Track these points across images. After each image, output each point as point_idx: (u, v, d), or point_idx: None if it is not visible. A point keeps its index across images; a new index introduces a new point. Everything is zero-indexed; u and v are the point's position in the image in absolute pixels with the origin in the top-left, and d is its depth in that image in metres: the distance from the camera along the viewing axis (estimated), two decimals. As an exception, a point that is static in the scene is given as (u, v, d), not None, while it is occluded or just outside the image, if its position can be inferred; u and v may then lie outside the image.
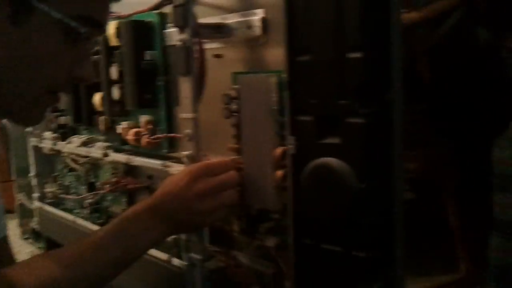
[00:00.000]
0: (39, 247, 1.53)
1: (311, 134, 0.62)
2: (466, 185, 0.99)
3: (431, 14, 0.96)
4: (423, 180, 0.95)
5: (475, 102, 0.95)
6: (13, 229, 1.80)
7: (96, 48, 0.99)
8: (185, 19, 0.74)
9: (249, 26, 0.74)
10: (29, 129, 1.33)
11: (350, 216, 0.59)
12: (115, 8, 0.94)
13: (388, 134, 0.58)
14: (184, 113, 0.77)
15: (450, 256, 0.98)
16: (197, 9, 0.75)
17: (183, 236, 0.82)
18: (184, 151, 0.78)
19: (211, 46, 0.81)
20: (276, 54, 0.73)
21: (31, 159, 1.35)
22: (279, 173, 0.70)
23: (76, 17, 0.56)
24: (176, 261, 0.86)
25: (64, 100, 1.21)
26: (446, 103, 0.98)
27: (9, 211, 1.94)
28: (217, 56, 0.81)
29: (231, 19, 0.76)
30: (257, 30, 0.73)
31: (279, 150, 0.70)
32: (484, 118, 0.95)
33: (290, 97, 0.64)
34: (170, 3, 0.80)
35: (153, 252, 0.89)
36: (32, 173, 1.36)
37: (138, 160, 0.95)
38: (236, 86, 0.74)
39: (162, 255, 0.88)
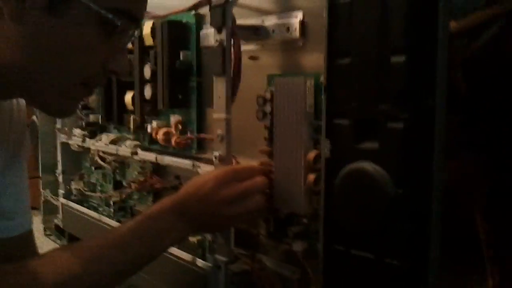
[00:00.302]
0: (61, 244, 1.54)
1: (347, 138, 0.61)
2: (497, 199, 0.97)
3: (469, 24, 0.95)
4: (453, 192, 0.93)
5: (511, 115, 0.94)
6: (36, 225, 1.81)
7: (131, 46, 1.00)
8: (223, 20, 0.74)
9: (287, 28, 0.74)
10: (58, 125, 1.34)
11: (384, 223, 0.58)
12: (151, 8, 0.96)
13: (428, 140, 0.57)
14: (217, 114, 0.77)
15: (478, 270, 0.96)
16: (235, 11, 0.76)
17: (208, 237, 0.82)
18: (215, 151, 0.77)
19: (247, 48, 0.81)
20: (313, 58, 0.72)
21: (59, 156, 1.36)
22: (311, 177, 0.69)
23: (113, 10, 0.57)
24: (200, 262, 0.85)
25: (93, 98, 1.22)
26: (481, 116, 0.96)
27: (33, 208, 1.96)
28: (253, 58, 0.81)
29: (269, 21, 0.76)
30: (295, 33, 0.72)
31: (312, 154, 0.69)
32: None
33: (327, 100, 0.63)
34: (207, 4, 0.80)
35: (178, 252, 0.88)
36: (59, 169, 1.37)
37: (167, 160, 0.94)
38: (271, 88, 0.74)
39: (187, 256, 0.88)
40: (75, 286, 0.63)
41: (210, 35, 0.88)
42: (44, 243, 1.64)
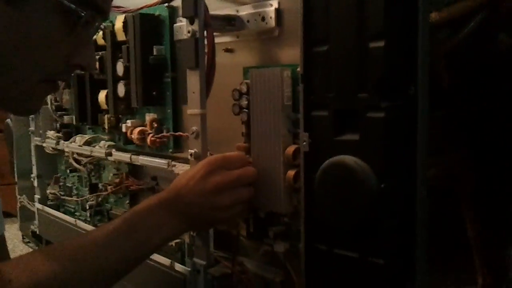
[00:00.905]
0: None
1: (326, 130, 0.58)
2: (485, 194, 0.94)
3: (451, 15, 0.92)
4: (440, 188, 0.91)
5: (495, 108, 0.91)
6: (14, 232, 1.77)
7: (103, 41, 0.96)
8: (195, 10, 0.70)
9: (262, 17, 0.70)
10: (32, 128, 1.29)
11: (367, 219, 0.55)
12: (122, 2, 0.92)
13: (411, 130, 0.53)
14: (191, 109, 0.73)
15: (467, 268, 0.93)
16: (208, 1, 0.72)
17: (186, 240, 0.78)
18: (190, 149, 0.73)
19: (221, 40, 0.77)
20: (289, 48, 0.69)
21: (34, 159, 1.32)
22: (291, 173, 0.66)
23: (76, 0, 0.53)
24: (179, 267, 0.81)
25: (67, 99, 1.18)
26: (465, 109, 0.93)
27: (10, 214, 1.91)
28: (228, 50, 0.77)
29: (244, 11, 0.73)
30: (271, 22, 0.69)
31: (291, 149, 0.65)
32: (505, 125, 0.91)
33: (304, 91, 0.60)
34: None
35: (155, 257, 0.85)
36: (34, 174, 1.32)
37: (142, 160, 0.90)
38: (247, 81, 0.70)
39: (165, 260, 0.84)
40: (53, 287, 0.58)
41: (184, 28, 0.84)
42: (23, 251, 1.60)
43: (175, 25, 0.87)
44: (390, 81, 0.53)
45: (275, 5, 0.69)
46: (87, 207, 1.12)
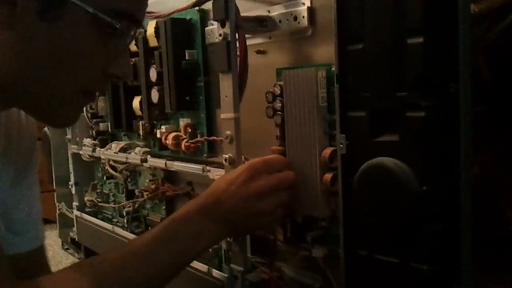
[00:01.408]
0: (79, 258, 1.51)
1: (364, 132, 0.56)
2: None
3: (491, 7, 0.89)
4: (480, 186, 0.87)
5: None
6: (54, 239, 1.79)
7: (135, 48, 0.96)
8: (226, 12, 0.69)
9: (294, 17, 0.68)
10: (68, 136, 1.31)
11: (409, 223, 0.53)
12: (154, 7, 0.92)
13: (454, 129, 0.51)
14: (225, 113, 0.72)
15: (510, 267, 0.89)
16: (239, 2, 0.71)
17: (223, 246, 0.77)
18: (224, 153, 0.72)
19: (253, 41, 0.76)
20: (323, 47, 0.68)
21: (71, 167, 1.33)
22: (328, 176, 0.64)
23: (111, 11, 0.52)
24: (216, 273, 0.80)
25: (102, 106, 1.18)
26: (505, 106, 0.90)
27: (50, 221, 1.95)
28: (260, 52, 0.76)
29: (276, 11, 0.71)
30: (304, 21, 0.67)
31: (327, 151, 0.64)
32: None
33: (340, 91, 0.58)
34: (210, -1, 0.76)
35: (193, 263, 0.83)
36: (72, 181, 1.34)
37: (177, 165, 0.90)
38: (280, 83, 0.69)
39: (202, 266, 0.83)
40: None
41: (215, 32, 0.84)
42: (63, 257, 1.62)
43: (206, 28, 0.86)
44: (430, 79, 0.51)
45: (308, 3, 0.67)
46: (124, 214, 1.12)
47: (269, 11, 0.72)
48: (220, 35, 0.70)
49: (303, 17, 0.67)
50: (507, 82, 0.93)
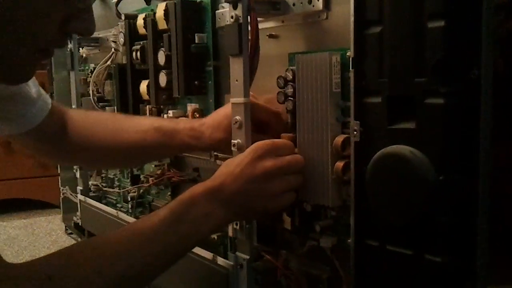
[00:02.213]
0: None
1: (379, 119, 0.54)
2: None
3: (509, -2, 0.87)
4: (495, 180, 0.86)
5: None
6: (57, 223, 1.79)
7: (143, 31, 0.94)
8: (238, -7, 0.67)
9: (309, 0, 0.66)
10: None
11: (424, 214, 0.51)
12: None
13: (474, 118, 0.49)
14: (234, 98, 0.70)
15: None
16: (252, -16, 0.69)
17: (229, 234, 0.75)
18: (233, 139, 0.71)
19: (265, 25, 0.74)
20: (338, 31, 0.66)
21: (76, 151, 1.32)
22: (339, 164, 0.62)
23: None
24: (221, 261, 0.79)
25: (109, 90, 1.17)
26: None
27: (54, 206, 1.94)
28: (272, 36, 0.74)
29: (289, -6, 0.69)
30: (318, 4, 0.65)
31: (340, 139, 0.62)
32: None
33: (355, 76, 0.56)
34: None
35: (197, 250, 0.82)
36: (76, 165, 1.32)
37: (184, 151, 0.88)
38: (292, 68, 0.67)
39: (207, 254, 0.82)
40: (100, 284, 0.56)
41: (226, 15, 0.82)
42: (66, 242, 1.62)
43: (217, 11, 0.84)
44: (450, 65, 0.49)
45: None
46: (129, 199, 1.11)
47: (282, -6, 0.70)
48: (232, 17, 0.68)
49: (318, 0, 0.65)
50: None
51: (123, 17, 1.03)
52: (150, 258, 0.59)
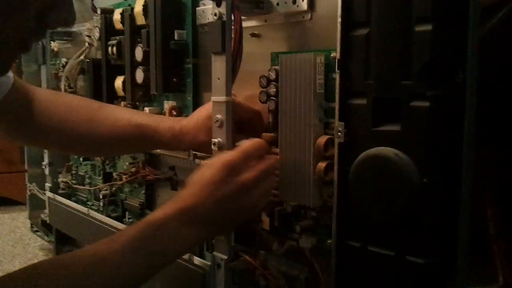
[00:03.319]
0: (48, 241, 1.47)
1: (364, 120, 0.54)
2: (509, 192, 0.91)
3: (485, 2, 0.88)
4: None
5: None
6: (21, 221, 1.75)
7: (120, 26, 0.92)
8: (222, -9, 0.66)
9: (293, 0, 0.66)
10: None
11: (407, 216, 0.51)
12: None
13: (458, 122, 0.50)
14: (216, 96, 0.69)
15: (487, 266, 0.90)
16: (236, -18, 0.68)
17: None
18: (213, 138, 0.70)
19: (248, 24, 0.73)
20: (322, 32, 0.65)
21: (45, 147, 1.29)
22: (321, 165, 0.62)
23: None
24: (198, 261, 0.78)
25: (81, 85, 1.15)
26: (490, 103, 0.90)
27: (19, 203, 1.89)
28: (254, 35, 0.74)
29: (273, -7, 0.69)
30: (303, 4, 0.65)
31: (322, 139, 0.62)
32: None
33: (340, 77, 0.56)
34: (204, -23, 0.73)
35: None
36: (46, 161, 1.29)
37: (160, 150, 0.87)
38: (276, 67, 0.67)
39: (183, 254, 0.81)
40: None
41: (207, 12, 0.81)
42: (31, 240, 1.58)
43: (197, 8, 0.83)
44: (437, 68, 0.49)
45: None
46: (101, 197, 1.09)
47: (266, -7, 0.70)
48: (215, 14, 0.67)
49: (303, 0, 0.65)
50: (491, 81, 0.92)
51: (99, 11, 1.01)
52: (115, 282, 0.56)
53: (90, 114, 0.77)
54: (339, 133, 0.56)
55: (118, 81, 0.97)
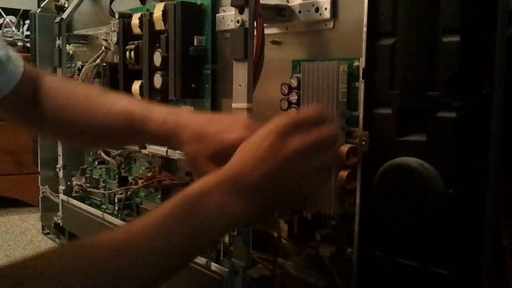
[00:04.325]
0: (60, 243, 1.47)
1: (389, 130, 0.54)
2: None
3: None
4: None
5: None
6: (32, 223, 1.75)
7: (138, 31, 0.93)
8: (245, -2, 0.66)
9: (316, 8, 0.67)
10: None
11: (432, 227, 0.51)
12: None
13: (484, 132, 0.49)
14: (237, 103, 0.70)
15: (499, 275, 0.89)
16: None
17: (226, 239, 0.75)
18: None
19: (269, 31, 0.74)
20: (345, 41, 0.66)
21: (60, 150, 1.29)
22: (343, 174, 0.62)
23: None
24: (215, 267, 0.78)
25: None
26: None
27: (30, 205, 1.90)
28: (275, 42, 0.74)
29: (295, 1, 0.69)
30: (326, 13, 0.65)
31: (344, 148, 0.62)
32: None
33: (365, 86, 0.56)
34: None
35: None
36: (60, 164, 1.29)
37: (179, 153, 0.87)
38: (297, 75, 0.67)
39: (200, 259, 0.81)
40: None
41: (227, 18, 0.81)
42: (42, 242, 1.58)
43: (217, 15, 0.83)
44: (464, 79, 0.49)
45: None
46: (116, 201, 1.09)
47: (288, 1, 0.70)
48: (237, 21, 0.67)
49: (326, 8, 0.66)
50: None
51: (116, 16, 1.02)
52: (152, 265, 0.48)
53: (88, 102, 0.69)
54: (363, 142, 0.56)
55: (136, 86, 0.98)
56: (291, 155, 0.50)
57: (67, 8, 1.28)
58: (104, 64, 1.09)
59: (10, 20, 2.27)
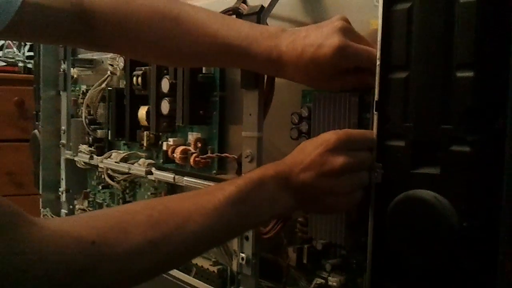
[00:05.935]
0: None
1: (402, 162, 0.55)
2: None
3: None
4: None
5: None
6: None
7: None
8: (256, 29, 0.67)
9: (327, 39, 0.67)
10: (63, 141, 1.27)
11: (446, 261, 0.51)
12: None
13: (498, 166, 0.50)
14: (247, 131, 0.70)
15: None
16: (270, 22, 0.70)
17: (233, 268, 0.74)
18: (244, 173, 0.70)
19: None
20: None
21: (63, 173, 1.29)
22: (355, 204, 0.62)
23: None
24: (222, 295, 0.78)
25: (101, 113, 1.15)
26: None
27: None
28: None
29: (306, 32, 0.70)
30: (337, 44, 0.66)
31: (356, 178, 0.62)
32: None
33: (379, 119, 0.56)
34: (235, 13, 0.75)
35: (195, 283, 0.81)
36: (62, 187, 1.29)
37: (187, 180, 0.87)
38: (308, 105, 0.67)
39: (206, 287, 0.80)
40: (151, 256, 0.50)
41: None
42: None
43: (227, 43, 0.84)
44: (478, 113, 0.50)
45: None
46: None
47: (299, 31, 0.71)
48: (248, 51, 0.68)
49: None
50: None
51: (124, 42, 1.02)
52: (205, 235, 0.54)
53: (166, 30, 0.67)
54: (376, 174, 0.56)
55: (142, 111, 0.98)
56: (328, 172, 0.56)
57: (72, 32, 1.29)
58: (110, 88, 1.10)
59: (12, 41, 2.28)
